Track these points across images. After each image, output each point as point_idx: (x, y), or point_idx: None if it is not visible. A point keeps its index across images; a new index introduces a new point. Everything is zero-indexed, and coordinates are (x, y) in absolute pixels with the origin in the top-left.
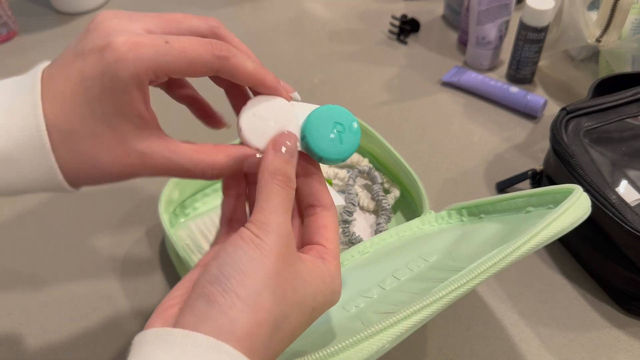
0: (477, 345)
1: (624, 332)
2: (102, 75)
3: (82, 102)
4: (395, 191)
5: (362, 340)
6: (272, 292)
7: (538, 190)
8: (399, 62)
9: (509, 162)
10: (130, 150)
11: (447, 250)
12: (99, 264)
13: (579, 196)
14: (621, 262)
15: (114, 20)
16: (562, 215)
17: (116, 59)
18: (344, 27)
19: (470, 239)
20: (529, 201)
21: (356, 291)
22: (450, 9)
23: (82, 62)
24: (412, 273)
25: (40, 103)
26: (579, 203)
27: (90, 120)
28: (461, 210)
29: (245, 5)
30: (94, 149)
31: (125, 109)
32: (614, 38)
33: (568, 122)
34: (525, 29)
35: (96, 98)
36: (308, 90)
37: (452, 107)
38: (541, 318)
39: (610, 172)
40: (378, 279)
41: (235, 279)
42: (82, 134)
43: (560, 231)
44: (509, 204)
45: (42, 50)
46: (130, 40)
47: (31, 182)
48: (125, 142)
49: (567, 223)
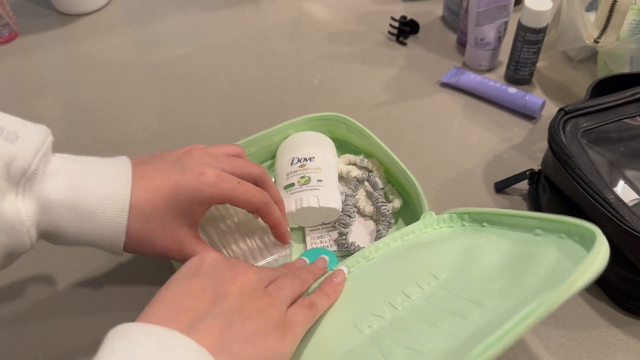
0: None
1: (622, 331)
2: (193, 190)
3: (169, 199)
4: (395, 201)
5: None
6: None
7: (552, 216)
8: (398, 63)
9: (507, 162)
10: (176, 239)
11: (456, 268)
12: (100, 264)
13: (601, 248)
14: (619, 261)
15: (204, 156)
16: (587, 270)
17: (206, 183)
18: (343, 28)
19: (477, 257)
20: (540, 224)
21: (367, 308)
22: (449, 10)
23: (181, 174)
24: (423, 292)
25: (130, 184)
26: (601, 254)
27: (167, 213)
28: (463, 215)
29: (246, 6)
30: (157, 232)
31: (191, 215)
32: (612, 39)
33: (566, 122)
34: (523, 30)
35: (179, 202)
36: (308, 91)
37: (451, 108)
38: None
39: (608, 172)
40: (388, 295)
41: None
42: (156, 220)
43: (581, 287)
44: (517, 221)
45: (44, 51)
46: (218, 174)
47: (95, 237)
48: (178, 233)
49: (590, 276)
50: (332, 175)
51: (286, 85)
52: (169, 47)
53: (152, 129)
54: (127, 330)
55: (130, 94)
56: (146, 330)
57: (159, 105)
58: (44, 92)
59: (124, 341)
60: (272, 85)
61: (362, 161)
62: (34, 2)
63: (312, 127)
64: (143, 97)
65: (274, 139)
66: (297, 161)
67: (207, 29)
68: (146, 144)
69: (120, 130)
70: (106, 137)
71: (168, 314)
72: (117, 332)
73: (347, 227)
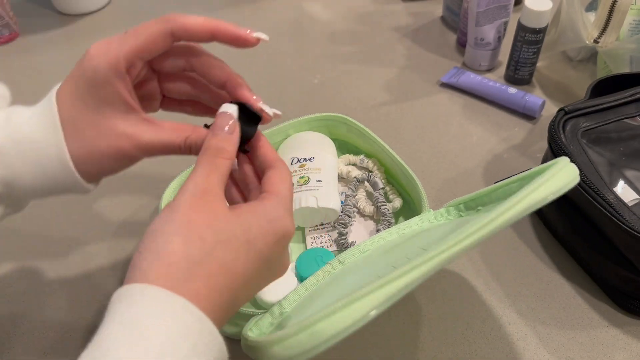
0: (475, 344)
1: (622, 331)
2: (84, 74)
3: (77, 98)
4: (396, 201)
5: (353, 301)
6: (183, 237)
7: (530, 171)
8: (398, 63)
9: (507, 162)
10: (120, 134)
11: (443, 237)
12: (100, 265)
13: (566, 164)
14: (619, 261)
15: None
16: (549, 181)
17: (89, 57)
18: (343, 28)
19: (464, 225)
20: (522, 184)
21: (356, 285)
22: (449, 10)
23: (73, 69)
24: (410, 262)
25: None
26: (566, 169)
27: (86, 111)
28: (459, 206)
29: (246, 7)
30: (92, 136)
31: (110, 98)
32: (612, 39)
33: (566, 122)
34: (523, 30)
35: (86, 93)
36: (308, 91)
37: (451, 108)
38: (539, 317)
39: (608, 172)
40: (378, 272)
41: (148, 239)
42: (82, 124)
43: (546, 195)
44: (504, 191)
45: (44, 51)
46: (99, 43)
47: (48, 172)
48: (116, 127)
49: (555, 188)
50: (332, 176)
51: (286, 85)
52: None
53: None
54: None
55: None
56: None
57: None
58: (44, 92)
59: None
60: (272, 85)
61: (362, 161)
62: (34, 2)
63: (312, 127)
64: None
65: (274, 139)
66: (297, 161)
67: None
68: None
69: None
70: None
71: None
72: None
73: (346, 227)
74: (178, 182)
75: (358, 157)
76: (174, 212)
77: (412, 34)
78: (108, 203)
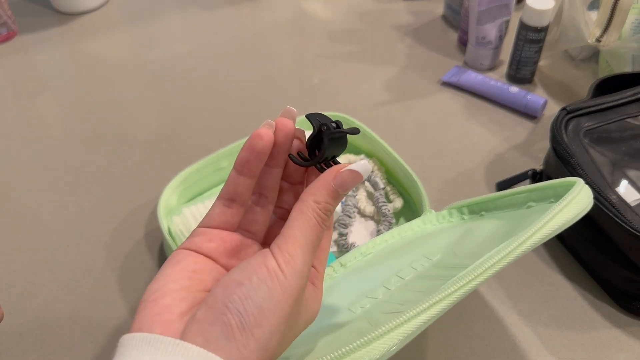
0: (477, 345)
1: (624, 332)
2: None
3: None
4: (396, 201)
5: (372, 340)
6: (281, 335)
7: (539, 185)
8: (399, 62)
9: (509, 162)
10: None
11: (450, 248)
12: (99, 266)
13: (581, 189)
14: (621, 262)
15: None
16: (564, 209)
17: None
18: (343, 27)
19: (472, 236)
20: (529, 196)
21: (361, 292)
22: (450, 9)
23: None
24: (417, 272)
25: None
26: (580, 196)
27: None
28: (462, 209)
29: (245, 5)
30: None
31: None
32: (614, 38)
33: (568, 122)
34: (525, 28)
35: None
36: (308, 91)
37: (452, 107)
38: (541, 318)
39: (611, 172)
40: (382, 279)
41: (255, 316)
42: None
43: (562, 225)
44: (509, 200)
45: (42, 50)
46: None
47: None
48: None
49: (570, 216)
50: None
51: (286, 85)
52: (168, 46)
53: (151, 127)
54: None
55: (129, 93)
56: None
57: (158, 104)
58: (42, 91)
59: None
60: (271, 84)
61: None
62: (33, 1)
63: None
64: (142, 95)
65: None
66: None
67: (207, 28)
68: (145, 142)
69: (119, 128)
70: (105, 135)
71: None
72: None
73: (347, 228)
74: (177, 182)
75: (358, 156)
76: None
77: (413, 32)
78: (107, 203)
